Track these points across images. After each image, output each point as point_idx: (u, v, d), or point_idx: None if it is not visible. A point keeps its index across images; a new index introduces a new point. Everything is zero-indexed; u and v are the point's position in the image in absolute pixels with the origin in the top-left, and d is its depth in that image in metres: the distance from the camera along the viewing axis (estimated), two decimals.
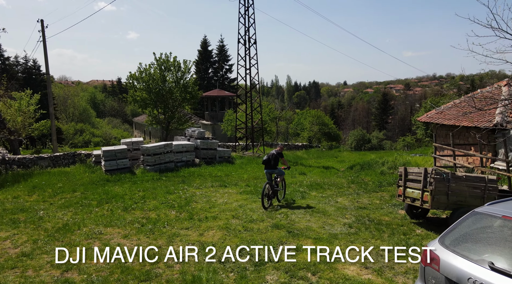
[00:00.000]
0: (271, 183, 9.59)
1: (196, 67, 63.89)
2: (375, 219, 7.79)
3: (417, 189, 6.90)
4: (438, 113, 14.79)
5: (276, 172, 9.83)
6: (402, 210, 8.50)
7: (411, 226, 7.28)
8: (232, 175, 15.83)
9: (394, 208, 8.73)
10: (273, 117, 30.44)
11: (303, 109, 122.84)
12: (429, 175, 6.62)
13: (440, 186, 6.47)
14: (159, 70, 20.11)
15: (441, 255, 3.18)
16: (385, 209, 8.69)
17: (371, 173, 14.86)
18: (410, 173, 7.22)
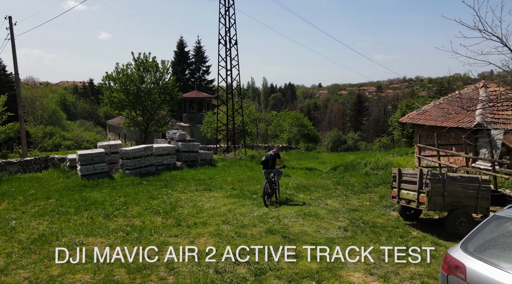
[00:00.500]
0: (270, 182, 10.14)
1: (173, 68, 62.65)
2: (369, 222, 7.68)
3: (412, 191, 6.84)
4: (419, 114, 15.05)
5: (274, 172, 10.45)
6: (394, 211, 8.46)
7: (406, 228, 7.22)
8: (215, 178, 15.45)
9: (386, 210, 8.68)
10: (253, 119, 30.23)
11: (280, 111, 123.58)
12: (424, 176, 6.57)
13: (436, 187, 6.44)
14: (137, 70, 19.39)
15: (466, 263, 3.03)
16: (377, 211, 8.62)
17: (355, 174, 14.89)
18: (404, 174, 7.16)
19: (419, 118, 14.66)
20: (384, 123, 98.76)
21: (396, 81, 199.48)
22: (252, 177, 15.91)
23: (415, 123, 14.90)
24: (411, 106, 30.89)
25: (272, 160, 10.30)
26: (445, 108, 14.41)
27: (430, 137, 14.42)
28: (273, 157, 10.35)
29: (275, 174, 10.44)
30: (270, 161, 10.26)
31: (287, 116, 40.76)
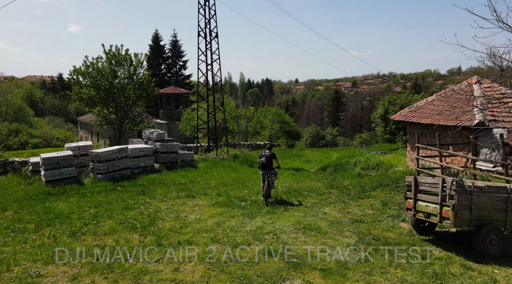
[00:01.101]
0: (268, 182, 10.17)
1: (148, 63, 60.27)
2: (380, 237, 6.76)
3: (433, 203, 5.96)
4: (412, 112, 14.37)
5: (272, 173, 10.49)
6: (403, 222, 7.59)
7: (424, 245, 6.34)
8: (197, 181, 14.23)
9: (394, 220, 7.81)
10: (234, 115, 29.02)
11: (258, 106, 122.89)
12: (448, 186, 5.70)
13: (463, 199, 5.58)
14: (108, 64, 17.69)
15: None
16: (384, 222, 7.72)
17: (347, 175, 14.06)
18: (422, 184, 6.26)
19: (412, 116, 13.98)
20: (361, 118, 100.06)
21: (371, 77, 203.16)
22: (237, 179, 14.79)
23: (408, 121, 14.21)
24: (394, 102, 30.60)
25: (270, 160, 10.42)
26: (439, 105, 13.79)
27: (424, 136, 13.77)
28: (270, 157, 10.44)
29: (272, 174, 10.47)
30: (269, 162, 10.37)
31: (268, 112, 39.75)
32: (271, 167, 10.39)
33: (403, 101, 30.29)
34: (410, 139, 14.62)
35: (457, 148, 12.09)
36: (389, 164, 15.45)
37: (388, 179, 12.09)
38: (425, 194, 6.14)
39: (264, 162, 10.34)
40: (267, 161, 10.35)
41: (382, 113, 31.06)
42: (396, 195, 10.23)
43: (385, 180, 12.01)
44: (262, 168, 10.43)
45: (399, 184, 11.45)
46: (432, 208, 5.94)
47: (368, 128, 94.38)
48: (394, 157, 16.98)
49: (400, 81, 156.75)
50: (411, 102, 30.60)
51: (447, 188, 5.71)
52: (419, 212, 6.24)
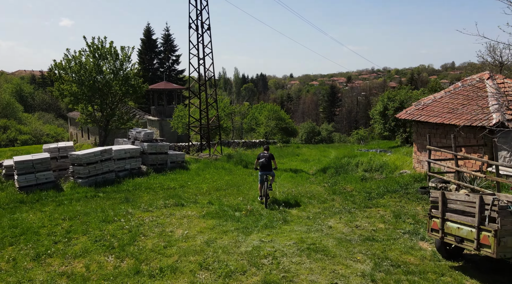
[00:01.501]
0: (266, 183, 10.11)
1: (139, 57, 58.69)
2: (399, 262, 5.72)
3: (468, 226, 4.92)
4: (419, 110, 13.34)
5: (271, 174, 10.41)
6: (423, 241, 6.57)
7: (455, 275, 5.31)
8: (188, 185, 13.12)
9: (411, 238, 6.78)
10: (228, 112, 27.85)
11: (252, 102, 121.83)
12: (488, 206, 4.67)
13: (508, 223, 4.56)
14: (92, 58, 16.36)
15: None
16: (401, 241, 6.69)
17: (350, 179, 13.03)
18: (452, 201, 5.22)
19: (420, 114, 12.95)
20: (357, 114, 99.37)
21: (365, 72, 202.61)
22: (231, 182, 13.70)
23: (415, 120, 13.18)
24: (393, 99, 29.63)
25: (269, 161, 10.36)
26: (449, 102, 12.77)
27: (433, 136, 12.74)
28: (269, 159, 10.38)
29: (270, 175, 10.40)
30: (268, 163, 10.30)
31: (263, 108, 38.59)
32: (270, 168, 10.31)
33: (403, 97, 29.32)
34: (417, 140, 13.61)
35: (471, 150, 11.09)
36: (393, 166, 14.44)
37: (395, 183, 11.07)
38: (457, 214, 5.11)
39: (265, 163, 10.23)
40: (267, 162, 10.26)
41: (381, 109, 30.08)
42: (408, 204, 9.21)
43: (393, 185, 11.00)
44: (261, 169, 10.26)
45: (408, 190, 10.44)
46: (467, 232, 4.91)
47: (364, 124, 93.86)
48: (398, 157, 15.97)
49: (394, 76, 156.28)
50: (411, 99, 29.64)
51: (487, 209, 4.68)
52: (449, 235, 5.21)
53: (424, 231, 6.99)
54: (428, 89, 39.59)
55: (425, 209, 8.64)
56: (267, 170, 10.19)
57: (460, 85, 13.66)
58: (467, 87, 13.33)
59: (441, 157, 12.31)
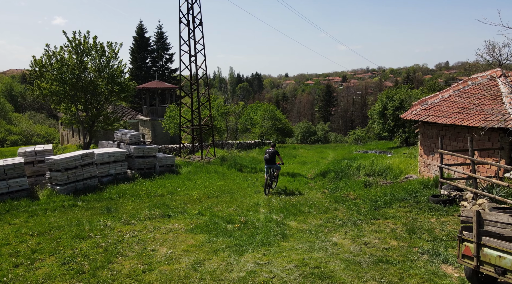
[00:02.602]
0: (271, 175, 11.89)
1: (132, 56, 57.44)
2: None
3: None
4: (426, 110, 12.43)
5: (275, 167, 12.05)
6: (446, 264, 5.61)
7: None
8: (177, 192, 12.10)
9: (432, 260, 5.82)
10: (222, 112, 26.82)
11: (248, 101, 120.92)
12: None
13: None
14: (75, 54, 15.23)
15: None
16: (420, 263, 5.73)
17: (352, 185, 12.08)
18: (491, 222, 4.27)
19: (427, 115, 12.03)
20: (353, 113, 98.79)
21: (360, 71, 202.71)
22: (224, 188, 12.70)
23: (422, 121, 12.26)
24: (392, 98, 28.79)
25: (273, 156, 11.98)
26: (458, 102, 11.88)
27: (442, 138, 11.83)
28: (273, 154, 12.01)
29: (275, 169, 12.11)
30: (272, 158, 11.94)
31: (258, 108, 37.63)
32: (274, 162, 11.98)
33: (402, 97, 28.48)
34: (424, 142, 12.70)
35: (485, 154, 10.19)
36: (398, 170, 13.54)
37: (403, 191, 10.13)
38: (497, 239, 4.18)
39: (268, 158, 11.92)
40: (270, 157, 11.90)
41: (380, 109, 29.22)
42: (420, 215, 8.26)
43: (400, 192, 10.06)
44: (266, 162, 12.00)
45: (418, 198, 9.51)
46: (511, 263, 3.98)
47: (359, 123, 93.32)
48: (402, 160, 15.07)
49: (389, 76, 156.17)
50: (411, 98, 28.81)
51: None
52: (486, 264, 4.27)
53: (445, 251, 6.05)
54: (427, 88, 38.89)
55: (440, 221, 7.71)
56: (271, 163, 11.91)
57: (470, 84, 12.77)
58: (477, 86, 12.46)
59: (450, 160, 11.42)
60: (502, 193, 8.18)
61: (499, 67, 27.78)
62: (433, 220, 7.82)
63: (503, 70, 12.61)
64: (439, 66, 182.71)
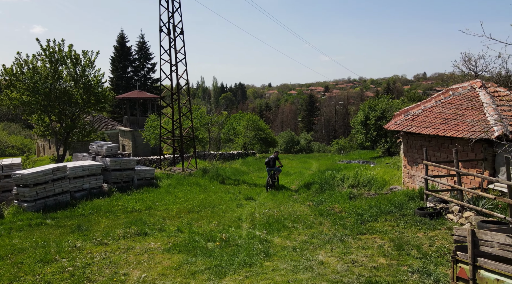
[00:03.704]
0: (272, 176, 14.52)
1: (113, 65, 56.46)
2: None
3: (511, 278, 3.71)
4: (409, 120, 12.37)
5: (275, 169, 14.61)
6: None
7: None
8: (156, 207, 11.53)
9: (423, 280, 5.52)
10: (204, 122, 26.34)
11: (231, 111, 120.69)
12: None
13: None
14: (49, 63, 14.53)
15: None
16: (411, 283, 5.42)
17: (337, 197, 11.81)
18: (487, 242, 3.98)
19: (411, 125, 11.96)
20: (335, 123, 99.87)
21: (342, 82, 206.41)
22: (206, 202, 12.21)
23: (406, 132, 12.17)
24: (374, 108, 29.03)
25: (273, 161, 14.57)
26: (441, 112, 11.86)
27: (424, 148, 11.75)
28: (274, 159, 14.61)
29: (275, 171, 14.72)
30: (272, 162, 14.54)
31: (241, 118, 37.32)
32: (274, 165, 14.59)
33: (384, 107, 28.77)
34: (407, 152, 12.61)
35: (469, 165, 10.12)
36: (382, 181, 13.39)
37: (388, 203, 9.91)
38: (494, 260, 3.90)
39: (267, 161, 14.63)
40: (269, 161, 14.55)
41: (362, 119, 29.41)
42: (407, 229, 8.02)
43: (386, 204, 9.83)
44: (267, 166, 14.69)
45: (404, 210, 9.29)
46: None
47: (342, 133, 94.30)
48: (386, 171, 14.96)
49: (370, 86, 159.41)
50: (392, 108, 29.13)
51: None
52: None
53: (436, 269, 5.77)
54: (407, 98, 39.56)
55: (428, 236, 7.47)
56: (271, 166, 14.53)
57: (451, 94, 12.82)
58: (459, 96, 12.51)
59: (434, 171, 11.33)
60: (488, 205, 8.04)
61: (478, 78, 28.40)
62: (421, 235, 7.58)
63: (483, 81, 12.73)
64: (417, 77, 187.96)
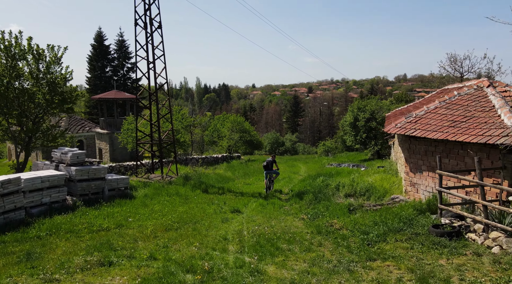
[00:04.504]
0: (270, 179, 14.73)
1: (90, 64, 54.07)
2: None
3: None
4: (411, 123, 11.21)
5: (272, 172, 14.78)
6: None
7: None
8: (128, 223, 9.96)
9: None
10: (186, 124, 24.72)
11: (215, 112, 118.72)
12: None
13: None
14: (5, 59, 12.66)
15: None
16: None
17: (334, 209, 10.51)
18: None
19: (414, 129, 10.80)
20: (320, 124, 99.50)
21: (325, 83, 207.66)
22: (186, 216, 10.72)
23: (409, 135, 11.00)
24: (363, 109, 28.08)
25: (271, 164, 14.62)
26: (447, 114, 10.75)
27: (431, 155, 10.62)
28: (271, 162, 14.65)
29: (272, 173, 14.73)
30: (270, 165, 14.60)
31: (225, 120, 35.83)
32: (271, 168, 14.61)
33: (374, 108, 27.84)
34: (410, 158, 11.44)
35: (484, 174, 8.99)
36: (382, 189, 12.20)
37: (395, 218, 8.68)
38: None
39: (265, 165, 14.60)
40: (267, 164, 14.56)
41: (351, 120, 28.40)
42: (425, 254, 6.76)
43: (393, 220, 8.59)
44: (264, 169, 14.62)
45: (415, 228, 8.06)
46: None
47: (327, 134, 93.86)
48: (383, 177, 13.80)
49: (352, 87, 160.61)
50: (382, 109, 28.24)
51: None
52: None
53: None
54: (395, 98, 39.00)
55: (453, 264, 6.22)
56: (269, 169, 14.57)
57: (456, 94, 11.75)
58: (464, 96, 11.44)
59: (427, 177, 10.18)
60: None
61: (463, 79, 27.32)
62: (444, 262, 6.33)
63: (490, 80, 11.72)
64: (398, 78, 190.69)
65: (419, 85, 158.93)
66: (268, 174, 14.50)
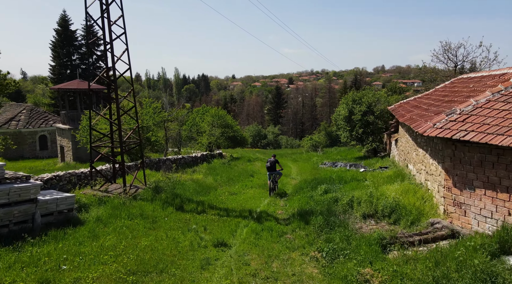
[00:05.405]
0: (273, 180, 14.22)
1: (54, 51, 49.03)
2: None
3: None
4: (457, 122, 8.31)
5: (275, 174, 14.34)
6: None
7: None
8: (59, 277, 6.59)
9: None
10: (159, 120, 21.21)
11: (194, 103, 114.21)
12: None
13: None
14: None
15: None
16: None
17: (359, 244, 7.46)
18: None
19: (465, 130, 7.87)
20: (303, 115, 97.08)
21: (305, 74, 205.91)
22: (150, 259, 7.43)
23: (454, 139, 8.05)
24: (359, 101, 25.25)
25: (274, 164, 14.34)
26: (507, 110, 7.87)
27: (488, 165, 7.73)
28: (274, 163, 14.38)
29: (276, 175, 14.39)
30: (273, 166, 14.27)
31: (205, 113, 32.35)
32: (275, 169, 14.29)
33: (371, 100, 25.04)
34: (454, 169, 8.52)
35: None
36: (413, 209, 9.25)
37: (463, 269, 5.72)
38: None
39: (269, 166, 14.28)
40: (271, 165, 14.23)
41: (346, 114, 25.50)
42: None
43: (461, 272, 5.63)
44: (268, 170, 14.32)
45: None
46: None
47: (310, 126, 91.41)
48: (405, 188, 10.89)
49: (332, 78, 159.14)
50: (379, 101, 25.52)
51: None
52: None
53: None
54: (387, 89, 36.56)
55: None
56: (272, 170, 14.16)
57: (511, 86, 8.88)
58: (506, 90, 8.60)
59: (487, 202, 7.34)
60: None
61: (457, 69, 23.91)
62: None
63: None
64: (376, 69, 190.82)
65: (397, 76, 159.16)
66: (272, 175, 14.08)
